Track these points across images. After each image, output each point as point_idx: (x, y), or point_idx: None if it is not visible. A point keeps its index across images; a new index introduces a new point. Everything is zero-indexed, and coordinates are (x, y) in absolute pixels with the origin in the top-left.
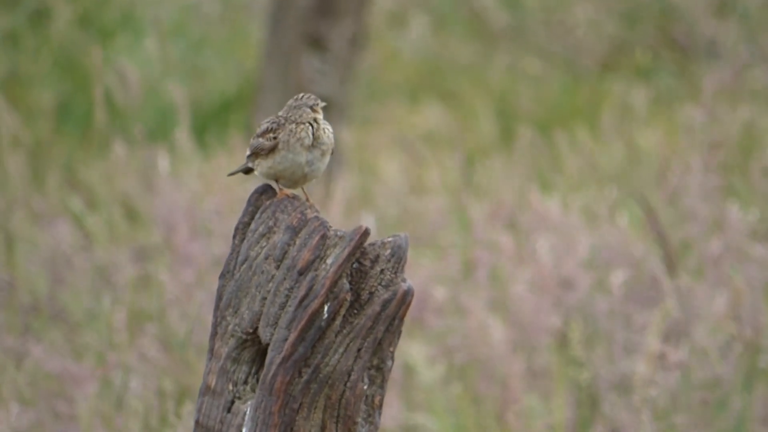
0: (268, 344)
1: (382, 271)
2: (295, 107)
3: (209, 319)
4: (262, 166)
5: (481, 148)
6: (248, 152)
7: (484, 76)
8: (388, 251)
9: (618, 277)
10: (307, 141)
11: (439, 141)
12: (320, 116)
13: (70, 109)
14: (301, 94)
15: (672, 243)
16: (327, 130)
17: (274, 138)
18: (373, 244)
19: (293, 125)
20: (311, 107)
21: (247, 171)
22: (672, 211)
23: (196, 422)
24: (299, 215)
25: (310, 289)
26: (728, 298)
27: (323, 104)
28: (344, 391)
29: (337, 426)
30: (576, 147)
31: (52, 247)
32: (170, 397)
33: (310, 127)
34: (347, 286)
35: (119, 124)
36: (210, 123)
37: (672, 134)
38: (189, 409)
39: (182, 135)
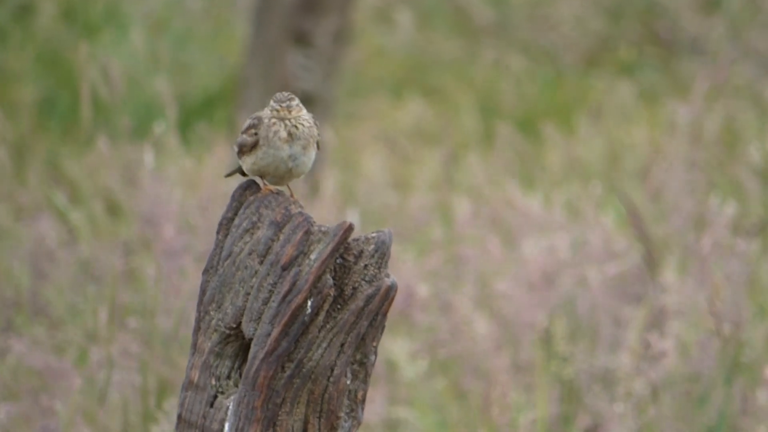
0: (251, 339)
1: (365, 266)
2: (272, 104)
3: (192, 314)
4: (246, 162)
5: (464, 143)
6: (236, 149)
7: (468, 72)
8: (372, 247)
9: (600, 273)
10: (283, 134)
11: (422, 137)
12: (294, 112)
13: (54, 103)
14: (278, 94)
15: (654, 239)
16: (305, 123)
17: (255, 134)
18: (356, 240)
19: (267, 120)
20: (283, 104)
21: (244, 172)
22: (655, 207)
23: (179, 417)
24: (283, 211)
25: (293, 284)
26: (709, 292)
27: (292, 102)
28: (327, 386)
29: (319, 421)
30: (559, 143)
31: (34, 241)
32: (152, 392)
33: (282, 122)
34: (331, 281)
35: (103, 118)
36: (193, 118)
37: (655, 130)
38: (171, 404)
39: (166, 130)
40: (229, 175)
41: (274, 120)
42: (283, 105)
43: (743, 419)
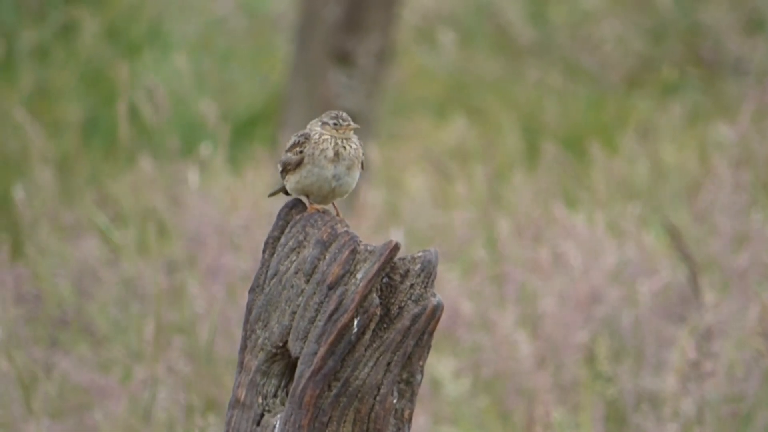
0: (297, 358)
1: (411, 285)
2: (323, 122)
3: (236, 332)
4: (290, 181)
5: (507, 163)
6: (279, 168)
7: (511, 92)
8: (418, 266)
9: (645, 292)
10: (330, 153)
11: (465, 156)
12: (344, 134)
13: (97, 123)
14: (333, 112)
15: (697, 260)
16: (353, 144)
17: (301, 152)
18: (402, 259)
19: (317, 137)
20: (336, 124)
21: (287, 191)
22: (700, 227)
23: None
24: (329, 230)
25: (339, 303)
26: (755, 313)
27: (354, 126)
28: (373, 405)
29: None
30: (602, 163)
31: (79, 260)
32: (198, 409)
33: (332, 141)
34: (377, 300)
35: (146, 138)
36: (236, 137)
37: (698, 151)
38: (215, 422)
39: (214, 150)
40: (272, 194)
41: (325, 137)
42: (348, 124)
43: None
